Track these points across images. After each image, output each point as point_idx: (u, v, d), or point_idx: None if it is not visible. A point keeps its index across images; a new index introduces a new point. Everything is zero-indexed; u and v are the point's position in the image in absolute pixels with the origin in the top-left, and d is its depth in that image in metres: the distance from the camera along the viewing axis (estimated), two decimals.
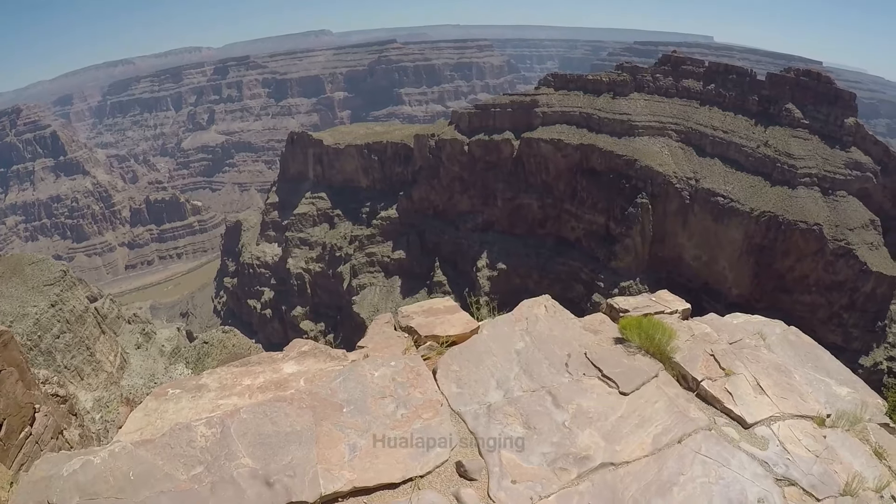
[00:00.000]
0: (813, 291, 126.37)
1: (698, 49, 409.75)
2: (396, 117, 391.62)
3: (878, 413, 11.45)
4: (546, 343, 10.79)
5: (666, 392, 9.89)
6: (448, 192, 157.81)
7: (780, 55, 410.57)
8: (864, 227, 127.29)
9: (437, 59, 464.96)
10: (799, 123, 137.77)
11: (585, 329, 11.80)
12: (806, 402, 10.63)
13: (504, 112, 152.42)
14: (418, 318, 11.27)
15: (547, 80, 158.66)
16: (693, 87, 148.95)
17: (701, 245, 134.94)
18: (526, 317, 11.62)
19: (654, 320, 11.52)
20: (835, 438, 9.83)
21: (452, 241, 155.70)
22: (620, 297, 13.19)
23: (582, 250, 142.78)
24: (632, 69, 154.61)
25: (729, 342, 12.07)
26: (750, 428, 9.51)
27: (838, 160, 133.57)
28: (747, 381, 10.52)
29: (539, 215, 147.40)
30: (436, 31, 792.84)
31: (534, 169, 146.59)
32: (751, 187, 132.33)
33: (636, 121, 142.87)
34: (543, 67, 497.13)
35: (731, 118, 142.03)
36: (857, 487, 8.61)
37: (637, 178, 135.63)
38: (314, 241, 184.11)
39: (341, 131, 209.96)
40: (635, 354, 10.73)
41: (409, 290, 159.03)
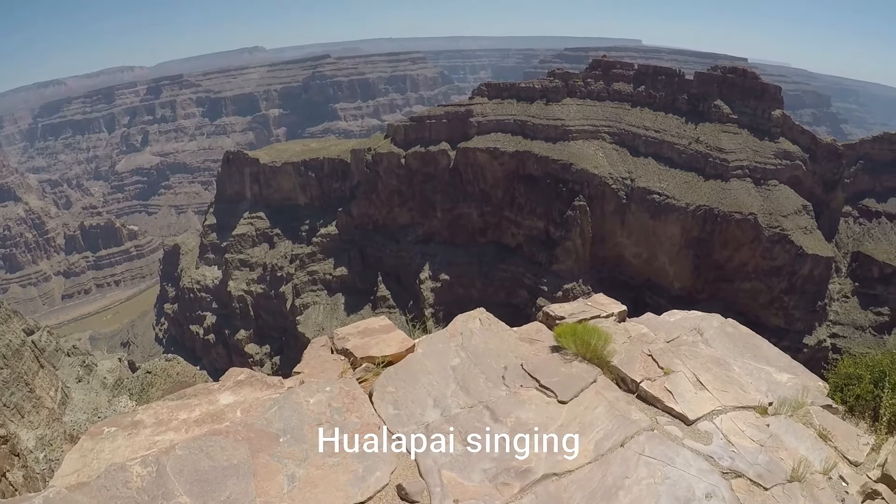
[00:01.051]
0: (753, 278, 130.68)
1: (627, 53, 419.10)
2: (332, 133, 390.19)
3: (821, 396, 11.61)
4: (482, 357, 10.75)
5: (605, 397, 9.90)
6: (387, 205, 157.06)
7: (706, 54, 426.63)
8: (797, 212, 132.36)
9: (371, 73, 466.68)
10: (728, 119, 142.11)
11: (521, 339, 11.73)
12: (747, 392, 10.71)
13: (439, 123, 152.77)
14: (354, 339, 11.07)
15: (480, 90, 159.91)
16: (624, 90, 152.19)
17: (640, 242, 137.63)
18: (461, 332, 11.54)
19: (588, 326, 11.47)
20: (778, 426, 9.95)
21: (394, 255, 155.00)
22: (556, 304, 13.16)
23: (524, 256, 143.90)
24: (563, 75, 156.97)
25: (666, 341, 12.12)
26: (693, 424, 9.56)
27: (768, 151, 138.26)
28: (687, 378, 10.60)
29: (479, 224, 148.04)
30: (369, 45, 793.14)
31: (471, 178, 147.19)
32: (685, 183, 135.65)
33: (570, 125, 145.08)
34: (477, 77, 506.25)
35: (662, 118, 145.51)
36: (804, 472, 8.73)
37: (574, 182, 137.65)
38: (254, 262, 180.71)
39: (277, 149, 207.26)
40: (572, 361, 10.71)
41: (353, 307, 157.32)
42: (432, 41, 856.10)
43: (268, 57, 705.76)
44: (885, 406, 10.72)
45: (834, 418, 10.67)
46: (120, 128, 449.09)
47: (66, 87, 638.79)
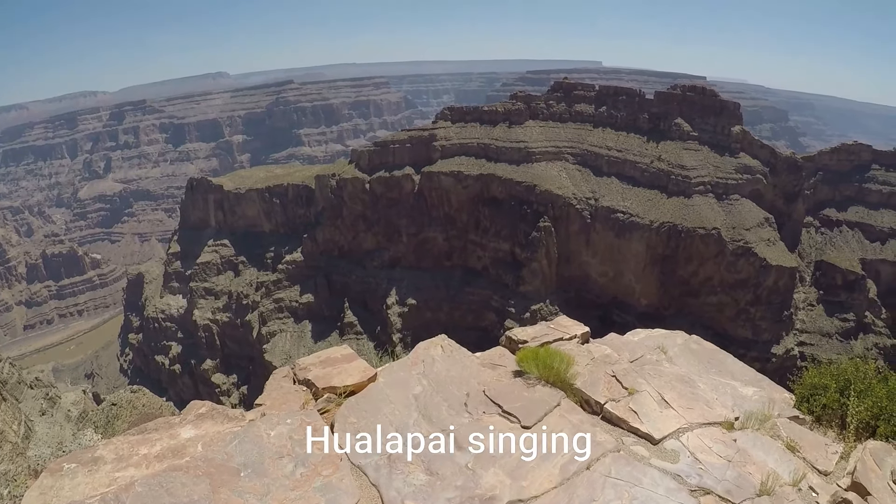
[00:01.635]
0: (719, 292, 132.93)
1: (588, 74, 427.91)
2: (296, 158, 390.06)
3: (787, 407, 11.89)
4: (444, 385, 10.76)
5: (569, 420, 9.93)
6: (352, 231, 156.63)
7: (666, 74, 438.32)
8: (760, 225, 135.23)
9: (334, 98, 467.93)
10: (689, 136, 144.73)
11: (484, 365, 11.84)
12: (712, 408, 10.89)
13: (403, 148, 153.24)
14: (315, 369, 11.05)
15: (444, 114, 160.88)
16: (586, 111, 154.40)
17: (606, 261, 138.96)
18: (422, 359, 11.56)
19: (550, 349, 11.53)
20: (746, 440, 10.07)
21: (360, 281, 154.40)
22: (518, 329, 13.27)
23: (490, 278, 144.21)
24: (526, 98, 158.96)
25: (630, 360, 12.34)
26: (659, 443, 9.63)
27: (729, 166, 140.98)
28: (651, 397, 10.73)
29: (445, 248, 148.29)
30: (333, 70, 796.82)
31: (436, 202, 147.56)
32: (648, 201, 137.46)
33: (533, 147, 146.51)
34: (440, 101, 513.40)
35: (624, 137, 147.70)
36: (773, 485, 8.79)
37: (538, 203, 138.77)
38: (220, 291, 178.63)
39: (241, 175, 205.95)
40: (535, 386, 10.76)
41: (320, 334, 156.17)
42: (395, 66, 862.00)
43: (232, 83, 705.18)
44: (851, 414, 11.01)
45: (801, 429, 10.90)
46: (82, 154, 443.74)
47: (28, 112, 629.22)
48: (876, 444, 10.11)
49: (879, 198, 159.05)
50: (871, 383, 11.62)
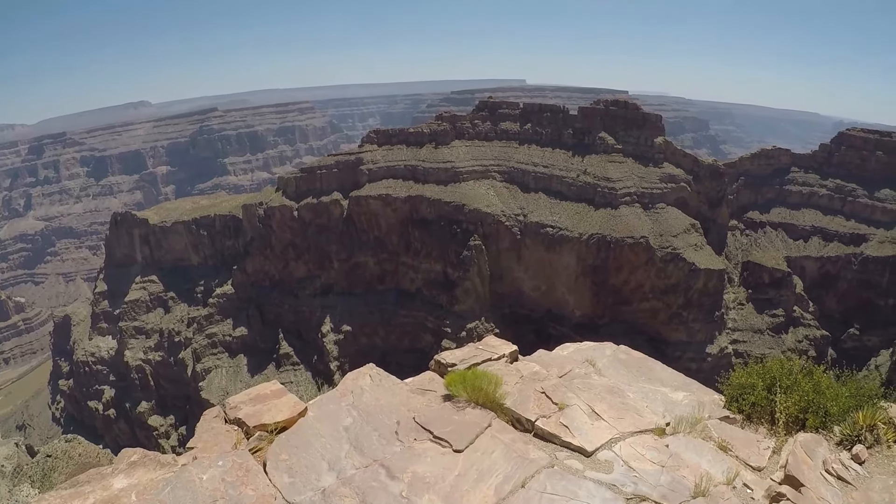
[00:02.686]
0: (651, 298, 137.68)
1: (513, 92, 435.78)
2: (223, 188, 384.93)
3: (717, 408, 12.40)
4: (374, 414, 10.83)
5: (501, 440, 10.09)
6: (282, 260, 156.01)
7: (589, 89, 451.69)
8: (686, 231, 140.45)
9: (259, 125, 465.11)
10: (613, 149, 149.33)
11: (413, 391, 11.96)
12: (643, 416, 11.24)
13: (330, 173, 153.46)
14: (246, 407, 11.02)
15: (370, 137, 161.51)
16: (511, 129, 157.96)
17: (538, 275, 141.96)
18: (351, 390, 11.62)
19: (478, 371, 11.76)
20: (678, 444, 10.45)
21: (293, 310, 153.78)
22: (447, 352, 13.47)
23: (424, 299, 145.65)
24: (451, 118, 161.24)
25: (559, 376, 12.61)
26: (592, 455, 9.92)
27: (653, 176, 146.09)
28: (582, 411, 10.99)
29: (377, 271, 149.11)
30: (257, 96, 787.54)
31: (365, 226, 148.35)
32: (576, 214, 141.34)
33: (460, 167, 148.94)
34: (366, 125, 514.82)
35: (549, 153, 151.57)
36: (708, 486, 9.12)
37: (467, 222, 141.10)
38: (150, 329, 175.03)
39: (167, 208, 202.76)
40: (465, 409, 10.91)
41: (256, 368, 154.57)
42: (320, 90, 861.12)
43: (154, 112, 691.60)
44: (779, 409, 11.61)
45: (732, 428, 11.42)
46: (1, 191, 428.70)
47: None
48: (806, 436, 10.78)
49: (800, 198, 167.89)
50: (796, 378, 12.21)
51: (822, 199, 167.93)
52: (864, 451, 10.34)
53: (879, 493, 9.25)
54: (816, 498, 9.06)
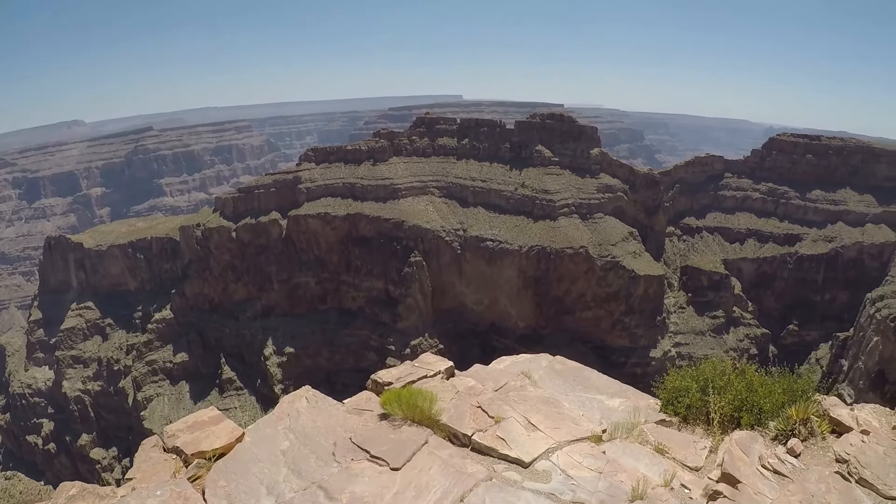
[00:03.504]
0: (593, 306, 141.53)
1: (450, 108, 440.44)
2: (159, 210, 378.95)
3: (653, 412, 12.68)
4: (311, 437, 10.93)
5: (439, 455, 10.29)
6: (222, 282, 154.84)
7: (525, 103, 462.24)
8: (625, 239, 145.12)
9: (195, 144, 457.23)
10: (550, 162, 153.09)
11: (350, 412, 12.11)
12: (579, 425, 11.61)
13: (268, 192, 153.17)
14: (184, 435, 11.00)
15: (308, 156, 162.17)
16: (448, 144, 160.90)
17: (480, 289, 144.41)
18: (288, 413, 11.73)
19: (413, 389, 12.04)
20: (615, 450, 10.73)
21: (235, 334, 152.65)
22: (383, 371, 13.70)
23: (367, 318, 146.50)
24: (389, 135, 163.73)
25: (494, 389, 12.84)
26: (530, 466, 10.16)
27: (591, 187, 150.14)
28: (518, 423, 11.25)
29: (318, 291, 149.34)
30: (193, 114, 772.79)
31: (305, 246, 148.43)
32: (516, 227, 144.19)
33: (398, 184, 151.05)
34: (303, 143, 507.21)
35: (487, 167, 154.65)
36: (645, 489, 9.38)
37: (407, 239, 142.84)
38: (88, 358, 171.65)
39: (102, 231, 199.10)
40: (401, 427, 11.14)
41: (199, 394, 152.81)
42: (257, 108, 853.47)
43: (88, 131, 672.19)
44: (714, 409, 11.87)
45: (669, 431, 11.72)
46: None
47: None
48: (741, 433, 11.01)
49: (734, 203, 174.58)
50: (729, 379, 12.52)
51: (755, 203, 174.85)
52: (799, 445, 10.72)
53: (815, 484, 9.53)
54: (753, 493, 9.32)
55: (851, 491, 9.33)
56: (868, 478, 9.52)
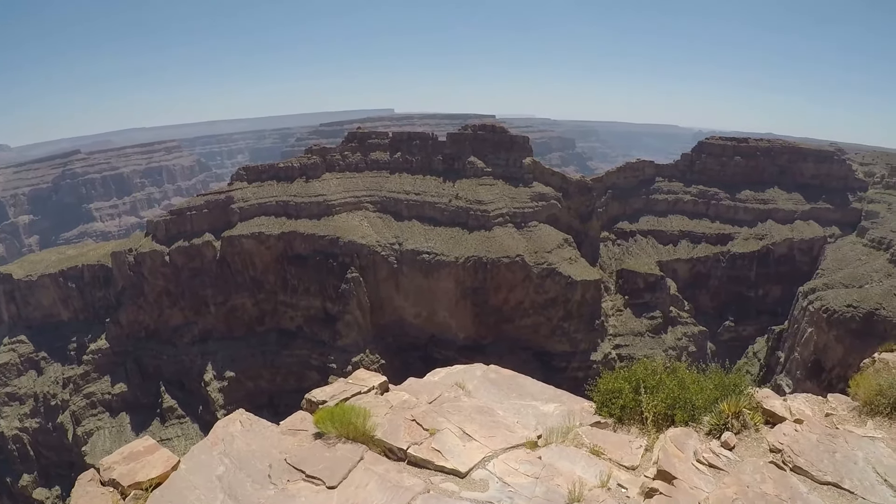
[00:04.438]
0: (531, 313, 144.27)
1: (382, 122, 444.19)
2: (89, 236, 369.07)
3: (588, 415, 12.91)
4: (247, 460, 10.96)
5: (375, 471, 10.38)
6: (157, 308, 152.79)
7: (457, 115, 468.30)
8: (560, 246, 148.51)
9: (124, 166, 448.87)
10: (483, 172, 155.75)
11: (284, 433, 12.10)
12: (514, 432, 11.69)
13: (201, 214, 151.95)
14: (120, 467, 10.92)
15: (239, 175, 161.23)
16: (381, 159, 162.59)
17: (418, 302, 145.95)
18: (222, 438, 11.70)
19: (346, 406, 12.06)
20: (550, 455, 10.84)
21: (173, 361, 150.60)
22: (317, 389, 13.61)
23: (306, 337, 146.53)
24: (321, 151, 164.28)
25: (429, 402, 12.88)
26: (467, 476, 10.27)
27: (524, 196, 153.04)
28: (453, 434, 11.34)
29: (255, 313, 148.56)
30: (121, 136, 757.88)
31: (240, 267, 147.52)
32: (451, 238, 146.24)
33: (332, 200, 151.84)
34: (235, 162, 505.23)
35: (420, 180, 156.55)
36: (582, 491, 9.51)
37: (343, 255, 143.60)
38: (24, 394, 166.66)
39: (31, 261, 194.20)
40: (336, 445, 11.15)
41: (140, 425, 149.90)
42: (187, 128, 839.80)
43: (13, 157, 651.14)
44: (647, 409, 12.16)
45: (604, 432, 11.92)
46: None
47: None
48: (676, 430, 11.31)
49: (666, 206, 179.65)
50: (661, 378, 12.89)
51: (687, 205, 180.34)
52: (733, 438, 11.01)
53: (750, 475, 9.73)
54: (689, 488, 9.53)
55: (786, 479, 9.65)
56: (802, 465, 9.91)
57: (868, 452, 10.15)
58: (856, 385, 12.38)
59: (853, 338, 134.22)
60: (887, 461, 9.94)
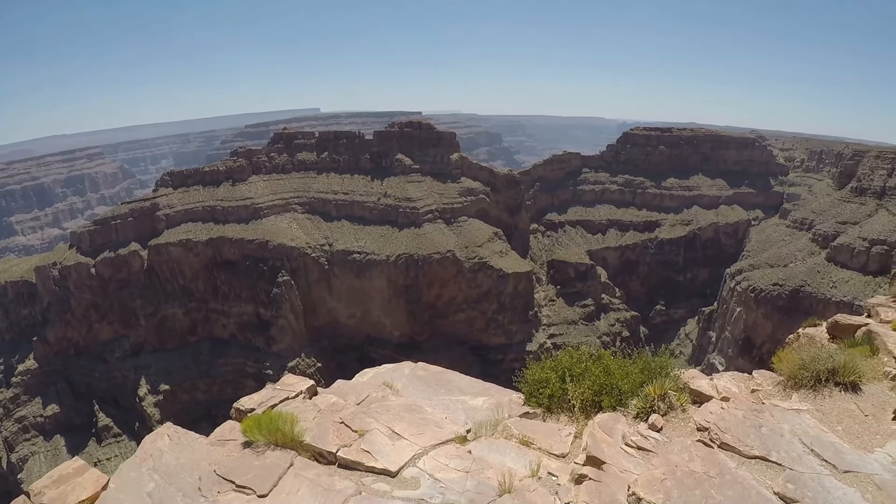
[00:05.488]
0: (465, 308, 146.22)
1: (308, 122, 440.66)
2: (11, 251, 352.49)
3: (517, 406, 12.91)
4: (176, 474, 10.74)
5: (306, 476, 10.27)
6: (85, 323, 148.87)
7: (383, 113, 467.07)
8: (490, 240, 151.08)
9: (45, 176, 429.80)
10: (411, 169, 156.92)
11: (213, 444, 11.87)
12: (443, 428, 11.75)
13: (126, 223, 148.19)
14: (50, 491, 10.56)
15: (164, 181, 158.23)
16: (308, 159, 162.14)
17: (352, 303, 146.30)
18: (151, 454, 11.46)
19: (273, 412, 11.90)
20: (480, 448, 10.94)
21: (105, 377, 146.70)
22: (245, 397, 13.47)
23: (240, 345, 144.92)
24: (247, 153, 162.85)
25: (357, 403, 12.86)
26: (398, 475, 10.26)
27: (453, 192, 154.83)
28: (382, 433, 11.35)
29: (187, 322, 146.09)
30: (41, 144, 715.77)
31: (169, 276, 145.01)
32: (382, 237, 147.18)
33: (260, 203, 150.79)
34: (159, 167, 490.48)
35: (348, 179, 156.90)
36: (512, 482, 9.58)
37: (273, 259, 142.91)
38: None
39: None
40: (265, 452, 11.01)
41: (76, 447, 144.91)
42: (109, 133, 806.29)
43: None
44: (573, 396, 12.28)
45: (533, 423, 11.99)
46: None
47: None
48: (604, 416, 11.43)
49: (593, 196, 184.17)
50: (586, 366, 13.02)
51: (614, 195, 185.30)
52: (660, 419, 11.13)
53: (678, 454, 9.86)
54: (619, 471, 9.65)
55: (714, 456, 9.81)
56: (729, 441, 10.10)
57: (794, 425, 10.54)
58: (779, 360, 12.75)
59: (781, 314, 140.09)
60: (813, 432, 10.35)
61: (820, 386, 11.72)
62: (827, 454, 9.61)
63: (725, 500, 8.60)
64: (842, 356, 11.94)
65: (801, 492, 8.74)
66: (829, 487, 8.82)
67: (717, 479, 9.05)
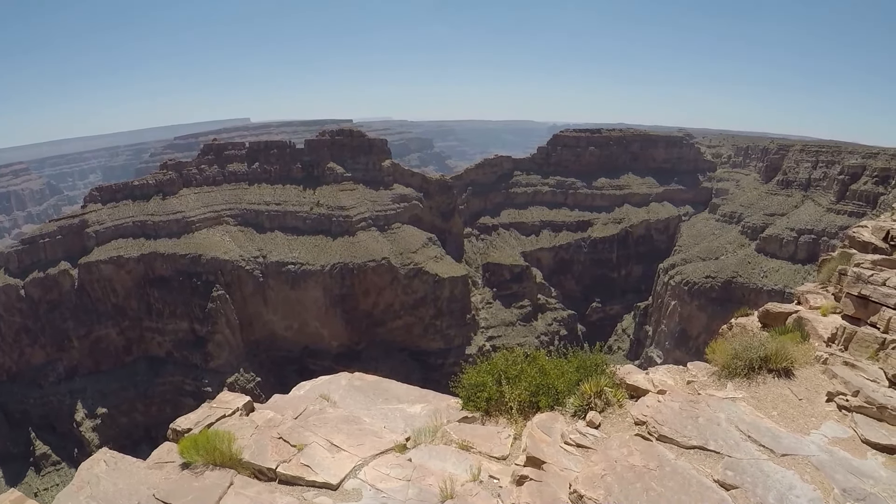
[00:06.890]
0: (402, 314, 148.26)
1: (238, 132, 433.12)
2: None
3: (455, 412, 13.01)
4: (115, 501, 10.57)
5: (246, 495, 10.19)
6: (16, 347, 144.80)
7: (313, 122, 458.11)
8: (425, 245, 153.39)
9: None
10: (343, 178, 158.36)
11: (151, 467, 11.67)
12: (382, 437, 11.75)
13: (54, 241, 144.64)
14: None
15: (93, 196, 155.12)
16: (239, 170, 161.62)
17: (288, 314, 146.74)
18: (87, 481, 11.23)
19: (209, 432, 11.74)
20: (420, 455, 10.94)
21: (40, 403, 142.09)
22: (181, 418, 13.29)
23: (177, 362, 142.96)
24: (176, 165, 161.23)
25: (294, 417, 12.73)
26: (339, 487, 10.23)
27: (385, 199, 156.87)
28: (321, 447, 11.25)
29: (121, 342, 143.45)
30: None
31: (100, 295, 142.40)
32: (315, 247, 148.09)
33: (191, 216, 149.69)
34: (87, 182, 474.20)
35: (280, 190, 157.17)
36: (454, 487, 9.64)
37: (207, 273, 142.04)
38: None
39: None
40: (204, 473, 10.86)
41: (14, 478, 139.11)
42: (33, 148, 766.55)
43: None
44: (510, 398, 12.32)
45: (472, 427, 12.07)
46: None
47: None
48: (541, 416, 11.42)
49: (525, 198, 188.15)
50: (521, 367, 13.00)
51: (546, 196, 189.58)
52: (598, 416, 11.21)
53: (617, 449, 9.88)
54: (559, 470, 9.61)
55: (653, 448, 9.84)
56: (667, 433, 10.17)
57: (730, 413, 10.67)
58: (712, 351, 13.04)
59: (714, 305, 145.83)
60: (749, 418, 10.52)
61: (753, 374, 12.00)
62: (764, 440, 9.87)
63: (666, 491, 8.76)
64: (773, 343, 12.32)
65: (741, 478, 8.95)
66: (767, 472, 9.06)
67: (657, 472, 9.20)
